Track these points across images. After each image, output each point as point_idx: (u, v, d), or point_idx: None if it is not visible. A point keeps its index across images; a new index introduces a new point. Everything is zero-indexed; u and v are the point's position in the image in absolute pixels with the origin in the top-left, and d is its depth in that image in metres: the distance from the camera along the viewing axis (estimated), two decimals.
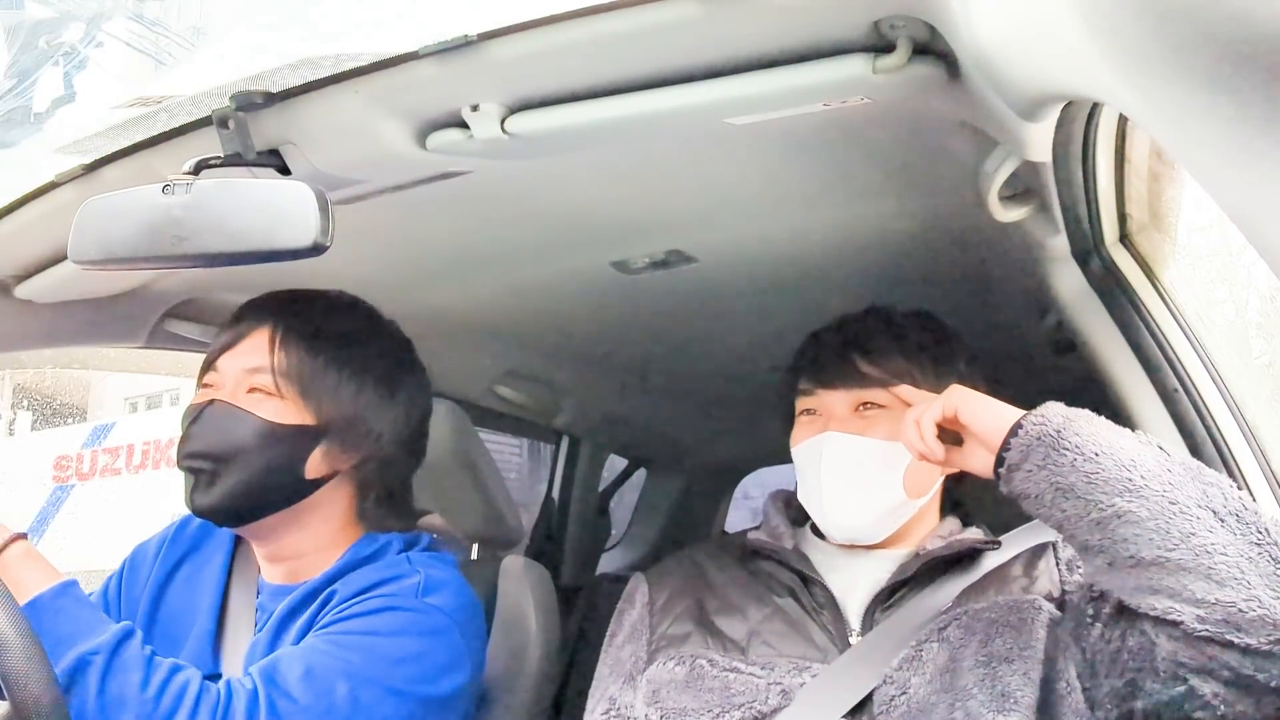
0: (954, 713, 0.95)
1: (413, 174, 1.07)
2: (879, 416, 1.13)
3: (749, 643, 1.08)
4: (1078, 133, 1.00)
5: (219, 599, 1.21)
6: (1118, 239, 1.28)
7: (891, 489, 1.11)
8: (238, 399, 1.13)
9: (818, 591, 1.12)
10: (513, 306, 1.67)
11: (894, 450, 1.09)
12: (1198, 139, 0.50)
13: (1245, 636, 0.79)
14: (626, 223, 1.35)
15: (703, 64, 0.86)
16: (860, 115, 0.93)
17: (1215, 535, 0.82)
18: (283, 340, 1.15)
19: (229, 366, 1.15)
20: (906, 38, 0.81)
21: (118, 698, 0.96)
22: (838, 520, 1.12)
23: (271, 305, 1.19)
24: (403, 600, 1.11)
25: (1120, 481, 0.85)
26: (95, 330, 1.39)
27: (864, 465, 1.11)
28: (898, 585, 1.10)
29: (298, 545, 1.19)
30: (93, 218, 0.91)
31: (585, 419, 2.32)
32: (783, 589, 1.14)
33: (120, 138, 1.00)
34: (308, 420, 1.14)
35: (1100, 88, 0.59)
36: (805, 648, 1.07)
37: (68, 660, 0.95)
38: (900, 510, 1.13)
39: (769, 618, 1.10)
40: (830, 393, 1.15)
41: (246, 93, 0.91)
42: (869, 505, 1.12)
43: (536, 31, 0.83)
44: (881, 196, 1.27)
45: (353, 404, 1.16)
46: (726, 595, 1.15)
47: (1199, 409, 1.13)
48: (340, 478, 1.18)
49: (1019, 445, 0.91)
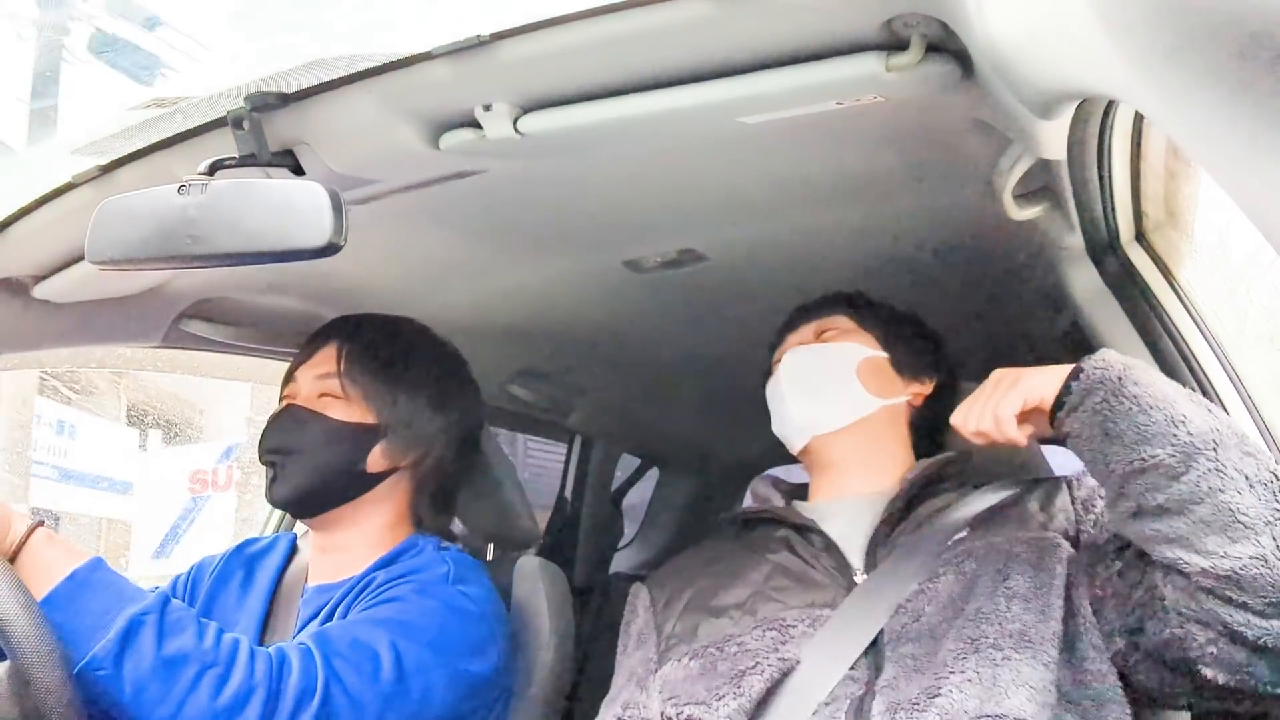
0: (964, 633, 0.96)
1: (425, 174, 1.07)
2: (836, 335, 1.26)
3: (755, 603, 1.09)
4: (1093, 130, 0.99)
5: (265, 605, 1.30)
6: (1133, 237, 1.27)
7: (847, 381, 1.21)
8: (310, 403, 1.27)
9: (815, 538, 1.14)
10: (525, 306, 1.68)
11: (846, 349, 1.23)
12: (1214, 136, 0.50)
13: (1244, 594, 0.84)
14: (639, 222, 1.35)
15: (715, 63, 0.86)
16: (873, 113, 0.92)
17: (1242, 497, 0.84)
18: (349, 351, 1.29)
19: (304, 377, 1.30)
20: (920, 35, 0.81)
21: (178, 651, 0.99)
22: (799, 409, 1.20)
23: (342, 325, 1.36)
24: (433, 585, 1.20)
25: (1167, 436, 0.87)
26: (112, 330, 1.40)
27: (818, 363, 1.24)
28: (896, 518, 1.12)
29: (352, 538, 1.29)
30: (109, 218, 0.92)
31: (598, 418, 2.32)
32: (779, 544, 1.16)
33: (136, 139, 1.01)
34: (369, 420, 1.27)
35: (1116, 85, 0.59)
36: (812, 594, 1.07)
37: (121, 622, 0.98)
38: (860, 403, 1.20)
39: (770, 575, 1.12)
40: (794, 333, 1.30)
41: (261, 93, 0.92)
42: (826, 395, 1.21)
43: (549, 31, 0.84)
44: (895, 195, 1.27)
45: (408, 408, 1.29)
46: (724, 569, 1.16)
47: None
48: (397, 476, 1.31)
49: (1080, 388, 0.94)
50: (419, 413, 1.30)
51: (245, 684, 1.01)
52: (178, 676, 0.98)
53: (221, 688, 1.00)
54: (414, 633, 1.13)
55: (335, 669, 1.06)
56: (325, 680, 1.05)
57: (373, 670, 1.08)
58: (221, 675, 1.00)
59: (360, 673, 1.07)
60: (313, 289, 1.51)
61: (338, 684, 1.06)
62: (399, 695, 1.10)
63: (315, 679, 1.05)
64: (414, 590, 1.18)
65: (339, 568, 1.29)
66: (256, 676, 1.02)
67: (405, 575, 1.21)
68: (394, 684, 1.09)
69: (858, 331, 1.26)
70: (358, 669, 1.07)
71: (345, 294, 1.52)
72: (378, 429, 1.27)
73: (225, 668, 1.01)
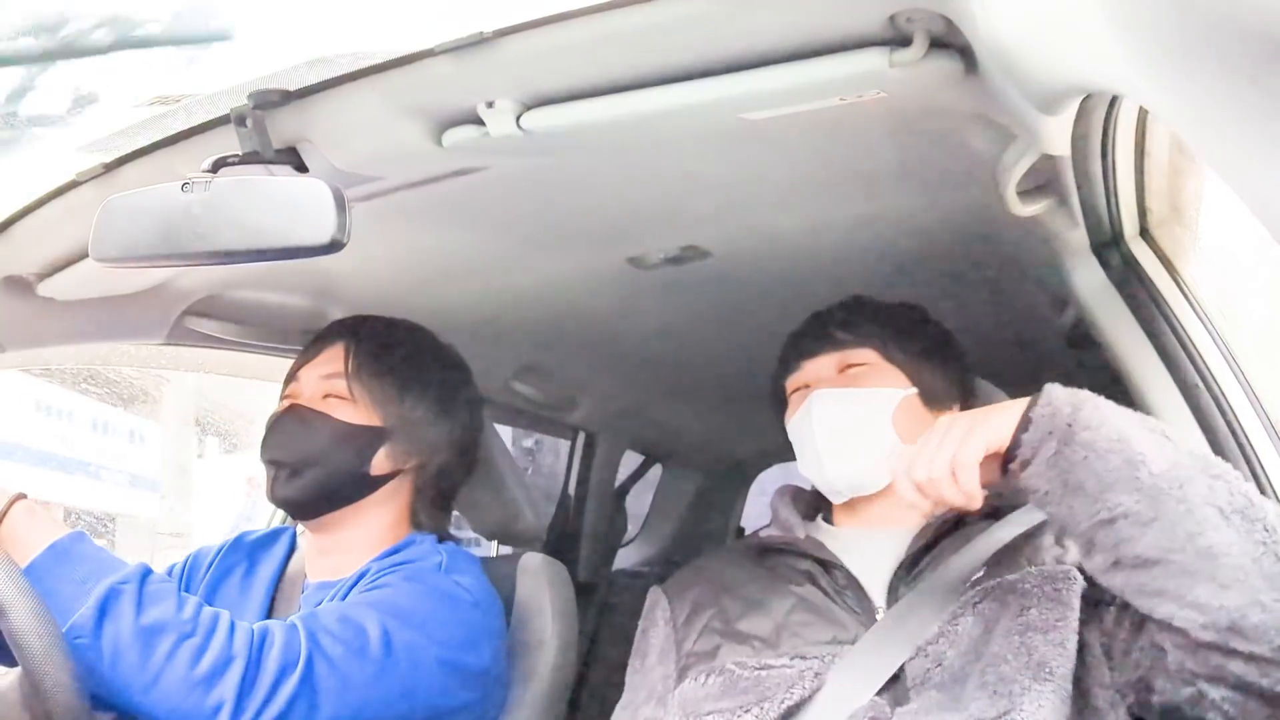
0: (985, 677, 0.94)
1: (429, 171, 1.07)
2: (862, 374, 1.18)
3: (777, 637, 1.07)
4: (1097, 125, 0.99)
5: (266, 601, 1.30)
6: (1137, 233, 1.27)
7: (883, 432, 1.14)
8: (314, 404, 1.27)
9: (838, 574, 1.11)
10: (529, 303, 1.68)
11: (879, 396, 1.16)
12: (1219, 132, 0.49)
13: (1250, 644, 0.79)
14: (642, 218, 1.35)
15: (718, 59, 0.86)
16: (876, 109, 0.92)
17: (1220, 534, 0.80)
18: (356, 352, 1.28)
19: (308, 376, 1.29)
20: (923, 31, 0.81)
21: (156, 621, 0.99)
22: (837, 471, 1.15)
23: (348, 325, 1.35)
24: (425, 573, 1.21)
25: (1129, 481, 0.83)
26: (116, 327, 1.40)
27: (852, 412, 1.15)
28: (919, 555, 1.09)
29: (352, 540, 1.29)
30: (113, 216, 0.92)
31: (601, 414, 2.32)
32: (802, 578, 1.13)
33: (139, 136, 1.01)
34: (374, 422, 1.27)
35: (1120, 80, 0.59)
36: (834, 630, 1.06)
37: (99, 591, 0.98)
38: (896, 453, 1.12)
39: (793, 609, 1.10)
40: (813, 360, 1.21)
41: (264, 91, 0.92)
42: (863, 450, 1.14)
43: (551, 28, 0.83)
44: (898, 191, 1.26)
45: (413, 412, 1.29)
46: (747, 595, 1.14)
47: (1220, 404, 1.12)
48: (399, 480, 1.30)
49: (1030, 440, 0.89)
50: (424, 416, 1.29)
51: (224, 654, 1.00)
52: (155, 646, 0.98)
53: (200, 658, 0.99)
54: (404, 614, 1.13)
55: (320, 643, 1.06)
56: (309, 653, 1.04)
57: (360, 646, 1.08)
58: (200, 646, 1.00)
59: (347, 647, 1.07)
60: (316, 286, 1.51)
61: (323, 658, 1.05)
62: (386, 671, 1.09)
63: (298, 652, 1.04)
64: (405, 577, 1.18)
65: (338, 567, 1.28)
66: (235, 647, 1.01)
67: (398, 565, 1.22)
68: (381, 660, 1.08)
69: (885, 367, 1.19)
70: (344, 644, 1.07)
71: (348, 291, 1.52)
72: (383, 432, 1.27)
73: (204, 638, 1.00)
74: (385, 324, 1.36)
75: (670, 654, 1.14)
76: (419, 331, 1.38)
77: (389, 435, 1.27)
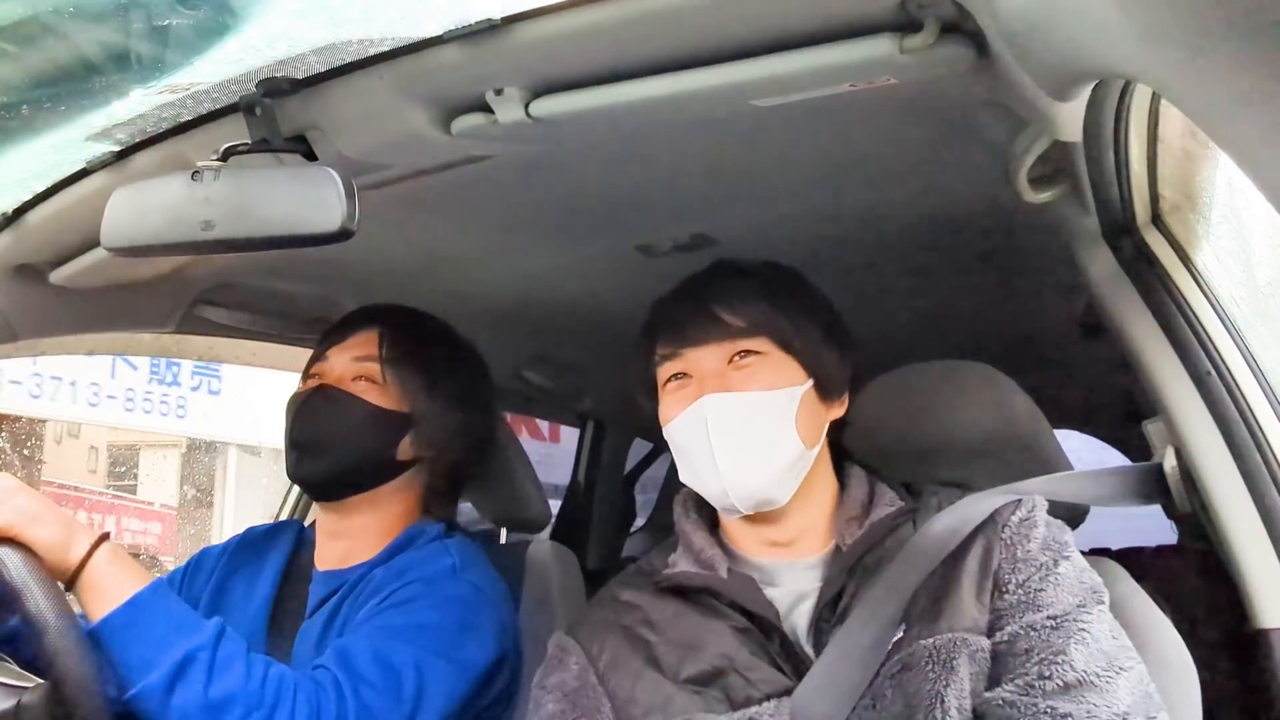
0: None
1: (437, 158, 1.07)
2: (756, 365, 1.04)
3: (727, 682, 0.99)
4: (1109, 112, 0.98)
5: (273, 589, 1.31)
6: (1150, 220, 1.26)
7: (788, 440, 1.03)
8: (344, 385, 1.27)
9: (764, 621, 1.02)
10: (537, 291, 1.68)
11: (782, 397, 1.03)
12: (1233, 117, 0.49)
13: None
14: (651, 206, 1.35)
15: (728, 45, 0.85)
16: (887, 96, 0.91)
17: None
18: (392, 338, 1.30)
19: (339, 358, 1.29)
20: (934, 17, 0.80)
21: (226, 690, 1.01)
22: (742, 487, 1.01)
23: (380, 311, 1.35)
24: (439, 580, 1.21)
25: None
26: (127, 316, 1.41)
27: (756, 420, 1.02)
28: (837, 596, 1.01)
29: (366, 525, 1.30)
30: (124, 205, 0.92)
31: (610, 403, 2.32)
32: (731, 613, 1.04)
33: (149, 125, 1.02)
34: (403, 408, 1.28)
35: (1133, 65, 0.58)
36: (771, 677, 0.99)
37: (175, 656, 1.00)
38: (800, 462, 1.04)
39: (735, 649, 1.01)
40: (698, 349, 1.05)
41: (273, 79, 0.92)
42: (771, 462, 1.02)
43: (560, 15, 0.83)
44: (909, 177, 1.26)
45: (439, 402, 1.30)
46: (681, 638, 1.03)
47: (1232, 393, 1.11)
48: (418, 467, 1.32)
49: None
50: (448, 408, 1.31)
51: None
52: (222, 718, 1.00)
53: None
54: (431, 640, 1.14)
55: (363, 699, 1.08)
56: (356, 713, 1.07)
57: (397, 692, 1.10)
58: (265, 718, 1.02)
59: (385, 695, 1.09)
60: (325, 274, 1.52)
61: (365, 712, 1.08)
62: (421, 710, 1.12)
63: (348, 713, 1.07)
64: (423, 591, 1.19)
65: (347, 554, 1.29)
66: (296, 714, 1.03)
67: (412, 574, 1.21)
68: (414, 701, 1.11)
69: (781, 357, 1.05)
70: (383, 692, 1.09)
71: (358, 279, 1.52)
72: (410, 419, 1.28)
73: (269, 712, 1.02)
74: (415, 314, 1.38)
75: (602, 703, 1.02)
76: (445, 325, 1.40)
77: (415, 422, 1.28)
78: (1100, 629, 0.93)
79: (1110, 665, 0.91)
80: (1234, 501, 1.07)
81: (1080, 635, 0.92)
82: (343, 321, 1.35)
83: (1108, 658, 0.91)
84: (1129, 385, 1.82)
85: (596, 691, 1.03)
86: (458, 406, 1.32)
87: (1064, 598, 0.95)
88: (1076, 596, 0.95)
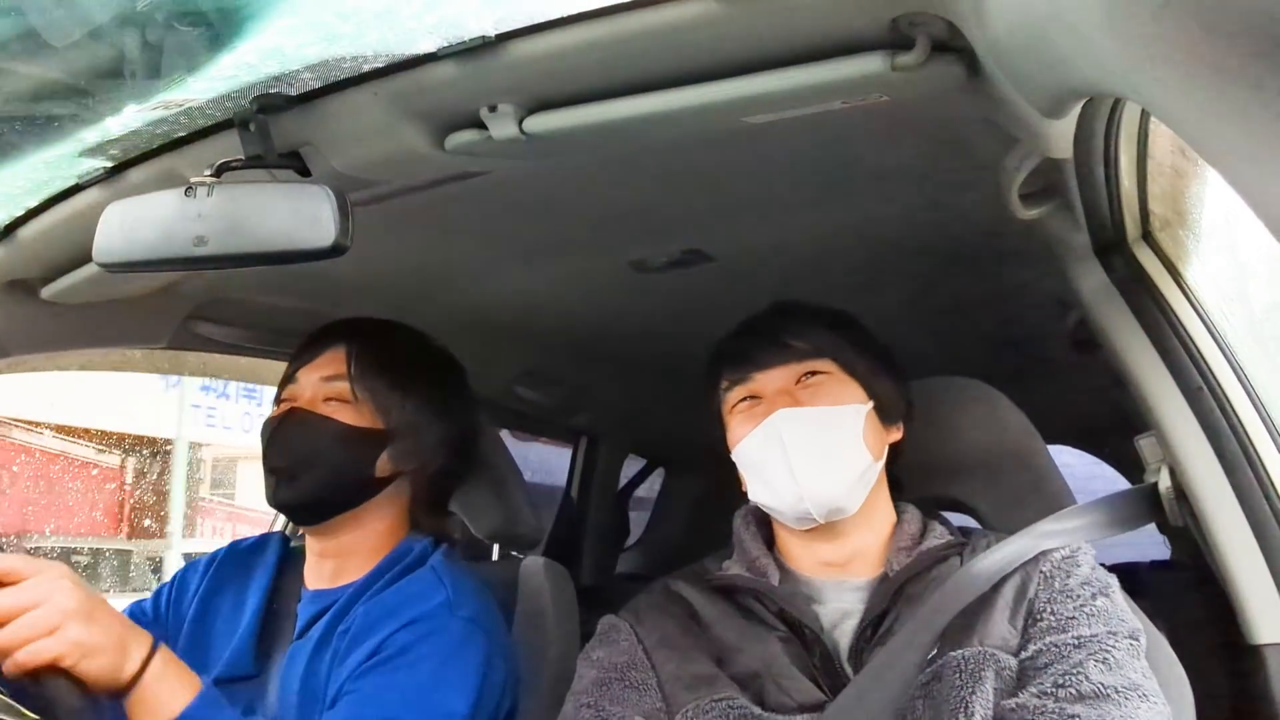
0: None
1: (431, 174, 1.07)
2: (822, 384, 1.11)
3: (762, 686, 1.03)
4: (1099, 129, 0.99)
5: (261, 607, 1.29)
6: (1140, 236, 1.27)
7: (857, 451, 1.08)
8: (316, 407, 1.25)
9: (807, 633, 1.06)
10: (531, 307, 1.68)
11: (849, 412, 1.09)
12: (1222, 134, 0.49)
13: None
14: (644, 222, 1.35)
15: (720, 62, 0.86)
16: (879, 113, 0.92)
17: None
18: (359, 355, 1.27)
19: (307, 379, 1.28)
20: (925, 35, 0.80)
21: None
22: (817, 495, 1.06)
23: (345, 327, 1.33)
24: (432, 619, 1.19)
25: None
26: (120, 332, 1.40)
27: (828, 431, 1.08)
28: (880, 617, 1.05)
29: (352, 544, 1.29)
30: (117, 220, 0.92)
31: (604, 419, 2.32)
32: (775, 623, 1.08)
33: (143, 140, 1.01)
34: (377, 424, 1.26)
35: (1122, 83, 0.59)
36: (807, 688, 1.02)
37: None
38: (869, 473, 1.09)
39: (775, 657, 1.05)
40: (767, 373, 1.12)
41: (267, 95, 0.92)
42: (844, 469, 1.07)
43: (554, 32, 0.84)
44: (901, 194, 1.26)
45: (415, 414, 1.28)
46: (724, 636, 1.08)
47: (1223, 407, 1.12)
48: (400, 481, 1.30)
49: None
50: (425, 419, 1.29)
51: None
52: None
53: None
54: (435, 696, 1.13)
55: None
56: None
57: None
58: None
59: None
60: (320, 290, 1.52)
61: None
62: None
63: None
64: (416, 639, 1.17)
65: (337, 572, 1.28)
66: None
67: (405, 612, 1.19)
68: None
69: (844, 378, 1.12)
70: None
71: (352, 295, 1.52)
72: (386, 434, 1.26)
73: None
74: (383, 326, 1.35)
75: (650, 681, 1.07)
76: (416, 333, 1.38)
77: (392, 438, 1.26)
78: (1125, 658, 0.95)
79: (1132, 687, 0.92)
80: (1226, 516, 1.07)
81: (1102, 655, 0.94)
82: (309, 340, 1.32)
83: (1130, 681, 0.92)
84: (1121, 400, 1.82)
85: (644, 666, 1.07)
86: (435, 417, 1.30)
87: (1095, 625, 0.97)
88: (1107, 626, 0.97)
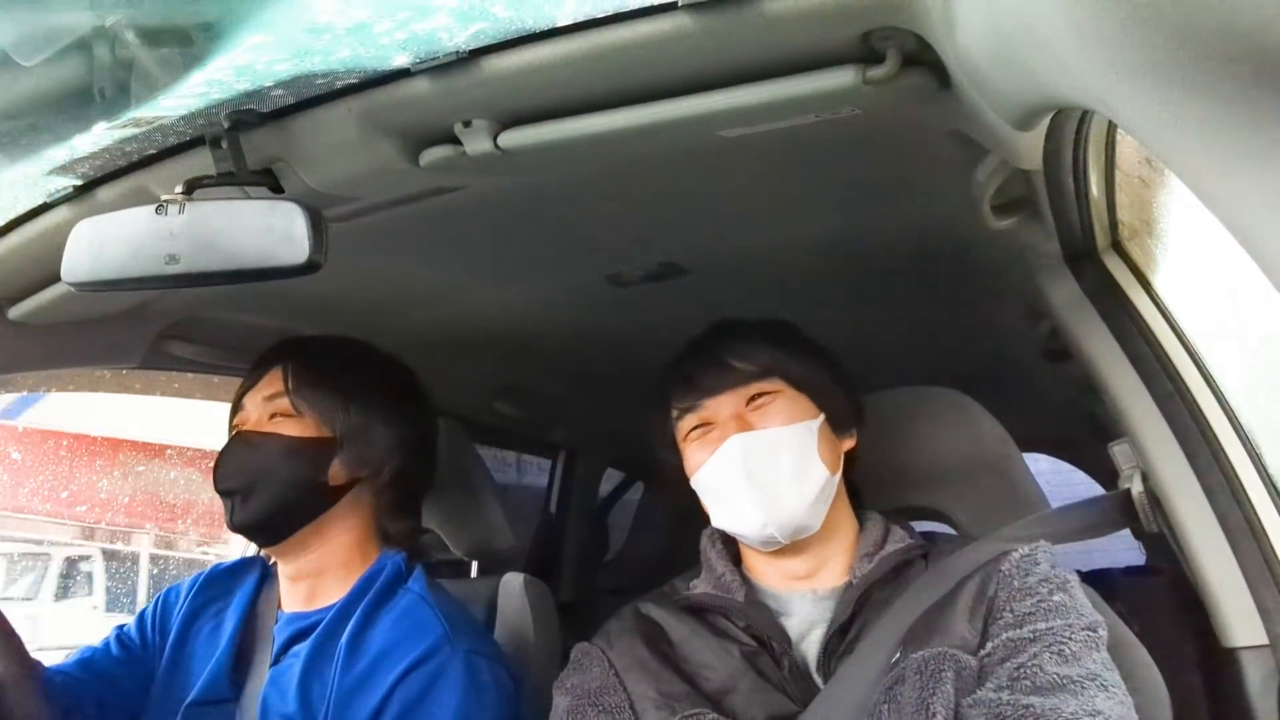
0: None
1: (406, 190, 1.07)
2: (772, 404, 1.11)
3: (733, 702, 1.03)
4: (1068, 140, 1.00)
5: (238, 630, 1.29)
6: (1110, 245, 1.29)
7: (815, 468, 1.09)
8: (261, 426, 1.26)
9: (775, 646, 1.07)
10: (508, 322, 1.67)
11: (801, 430, 1.10)
12: (1186, 145, 0.50)
13: None
14: (620, 236, 1.35)
15: (694, 77, 0.86)
16: (852, 126, 0.93)
17: None
18: (295, 369, 1.29)
19: (252, 402, 1.29)
20: (896, 49, 0.81)
21: None
22: (779, 518, 1.07)
23: (282, 347, 1.34)
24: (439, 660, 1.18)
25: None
26: (90, 352, 1.39)
27: (783, 452, 1.08)
28: (847, 624, 1.06)
29: (320, 561, 1.28)
30: (86, 239, 0.91)
31: (582, 433, 2.32)
32: (745, 638, 1.09)
33: (112, 158, 1.00)
34: (324, 433, 1.26)
35: (1089, 95, 0.60)
36: (780, 699, 1.03)
37: None
38: (827, 488, 1.10)
39: (741, 673, 1.05)
40: (716, 398, 1.12)
41: (239, 111, 0.91)
42: (803, 489, 1.08)
43: (528, 47, 0.84)
44: (874, 206, 1.27)
45: (361, 418, 1.28)
46: (694, 655, 1.09)
47: (1194, 414, 1.13)
48: (358, 490, 1.30)
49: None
50: (373, 422, 1.29)
51: None
52: None
53: None
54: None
55: None
56: None
57: None
58: None
59: None
60: (294, 307, 1.51)
61: None
62: None
63: None
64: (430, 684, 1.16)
65: (312, 594, 1.27)
66: None
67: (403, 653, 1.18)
68: None
69: (792, 394, 1.12)
70: None
71: (326, 312, 1.51)
72: (333, 441, 1.26)
73: None
74: (320, 340, 1.37)
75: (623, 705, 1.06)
76: (356, 342, 1.39)
77: (340, 444, 1.26)
78: (1082, 649, 0.95)
79: (1090, 677, 0.92)
80: (1199, 521, 1.09)
81: (1058, 647, 0.94)
82: (252, 366, 1.34)
83: (1088, 672, 0.92)
84: (1094, 408, 1.84)
85: (617, 690, 1.08)
86: (383, 420, 1.30)
87: (1051, 620, 0.97)
88: (1064, 619, 0.97)
